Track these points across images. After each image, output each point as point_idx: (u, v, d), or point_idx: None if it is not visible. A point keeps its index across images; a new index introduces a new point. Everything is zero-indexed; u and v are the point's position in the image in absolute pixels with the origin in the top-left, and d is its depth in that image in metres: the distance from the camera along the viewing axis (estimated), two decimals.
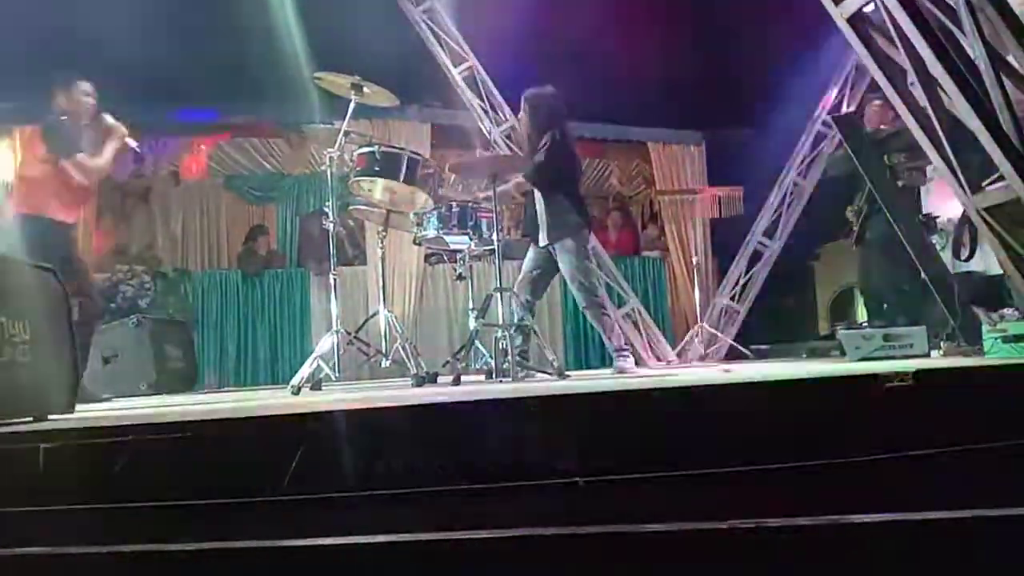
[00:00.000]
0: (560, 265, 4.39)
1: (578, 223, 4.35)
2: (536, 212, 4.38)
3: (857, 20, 2.79)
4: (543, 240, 4.36)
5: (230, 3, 6.03)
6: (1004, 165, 2.34)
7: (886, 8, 2.55)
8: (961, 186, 2.57)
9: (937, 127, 2.56)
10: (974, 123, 2.38)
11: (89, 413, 2.76)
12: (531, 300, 4.49)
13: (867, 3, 2.72)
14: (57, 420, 2.40)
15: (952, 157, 2.54)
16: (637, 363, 4.64)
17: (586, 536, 1.73)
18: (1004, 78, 2.45)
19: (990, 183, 2.47)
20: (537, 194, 4.38)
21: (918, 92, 2.65)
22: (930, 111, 2.59)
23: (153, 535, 1.75)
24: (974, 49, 2.44)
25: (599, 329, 4.43)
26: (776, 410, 2.10)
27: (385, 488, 1.84)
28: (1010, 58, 2.60)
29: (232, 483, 1.86)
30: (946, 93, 2.50)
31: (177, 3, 6.00)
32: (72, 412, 2.59)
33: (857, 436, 2.02)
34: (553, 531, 1.73)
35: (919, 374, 2.09)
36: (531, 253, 4.53)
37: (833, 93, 7.73)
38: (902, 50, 2.60)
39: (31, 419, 2.36)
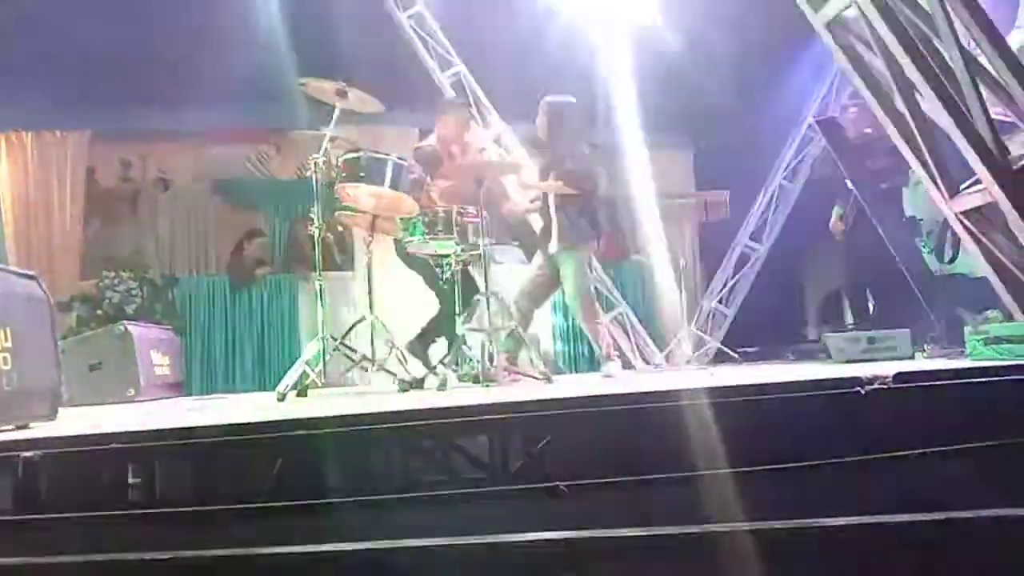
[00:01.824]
0: (562, 272, 4.47)
1: (590, 233, 4.46)
2: (549, 219, 4.46)
3: (836, 26, 2.83)
4: (553, 247, 4.43)
5: (216, 8, 6.02)
6: (980, 169, 2.37)
7: (864, 14, 2.58)
8: (939, 190, 2.60)
9: (915, 131, 2.59)
10: (950, 127, 2.41)
11: (71, 421, 2.75)
12: (530, 309, 4.55)
13: (846, 9, 2.75)
14: (39, 428, 2.40)
15: (930, 161, 2.57)
16: (624, 367, 4.66)
17: (568, 540, 1.74)
18: (979, 82, 2.49)
19: (967, 187, 2.50)
20: (551, 201, 4.45)
21: (896, 97, 2.68)
22: (908, 116, 2.62)
23: (135, 544, 1.75)
24: (950, 54, 2.47)
25: (591, 336, 4.51)
26: (759, 413, 2.11)
27: (369, 494, 1.84)
28: (984, 61, 2.63)
29: (217, 490, 1.86)
30: (923, 98, 2.53)
31: (163, 7, 5.99)
32: (54, 420, 2.58)
33: (837, 438, 2.04)
34: (536, 536, 1.74)
35: (898, 376, 2.11)
36: (537, 260, 4.59)
37: (818, 97, 7.78)
38: (880, 55, 2.63)
39: (12, 427, 2.35)
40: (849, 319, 6.06)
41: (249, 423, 2.04)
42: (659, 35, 7.08)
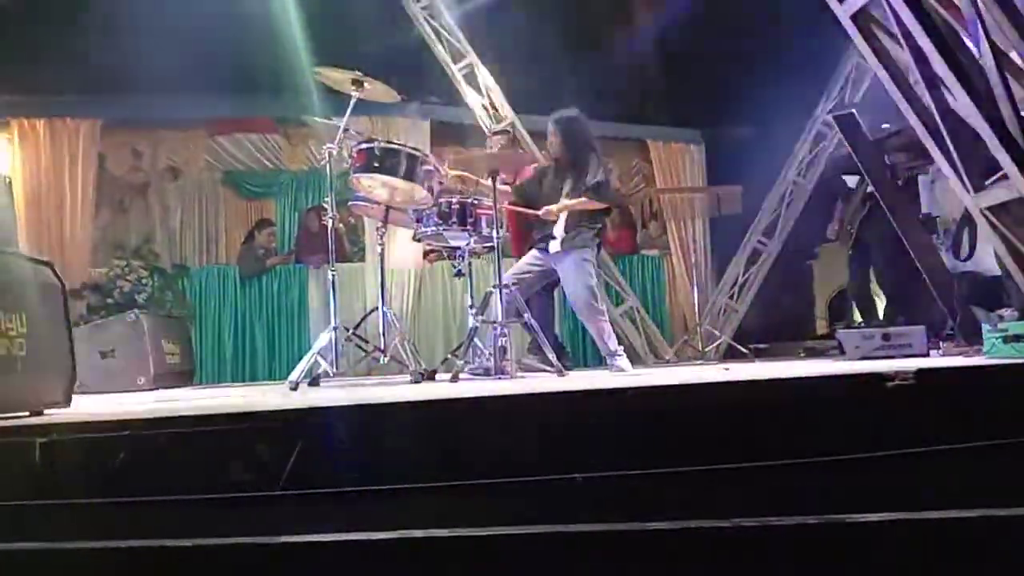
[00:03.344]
0: (563, 272, 4.54)
1: (593, 236, 4.55)
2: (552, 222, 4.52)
3: (861, 17, 2.79)
4: (555, 247, 4.48)
5: None
6: (1007, 163, 2.33)
7: (890, 5, 2.54)
8: (964, 185, 2.56)
9: (940, 125, 2.56)
10: (978, 121, 2.38)
11: (85, 408, 2.75)
12: (525, 293, 4.60)
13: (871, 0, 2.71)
14: (54, 414, 2.39)
15: (956, 155, 2.53)
16: (634, 362, 4.66)
17: (586, 533, 1.72)
18: (1008, 76, 2.45)
19: (993, 182, 2.47)
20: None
21: (921, 90, 2.64)
22: (933, 109, 2.59)
23: (150, 531, 1.74)
24: (978, 46, 2.43)
25: (594, 334, 4.56)
26: (777, 408, 2.09)
27: (383, 485, 1.83)
28: (1014, 55, 2.59)
29: (230, 479, 1.85)
30: (949, 91, 2.49)
31: None
32: (68, 406, 2.57)
33: (858, 435, 2.02)
34: (552, 528, 1.72)
35: (920, 373, 2.08)
36: (531, 257, 4.60)
37: (834, 92, 7.73)
38: (906, 47, 2.59)
39: (27, 414, 2.34)
40: (857, 317, 6.02)
41: (261, 412, 2.02)
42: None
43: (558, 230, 4.50)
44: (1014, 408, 2.08)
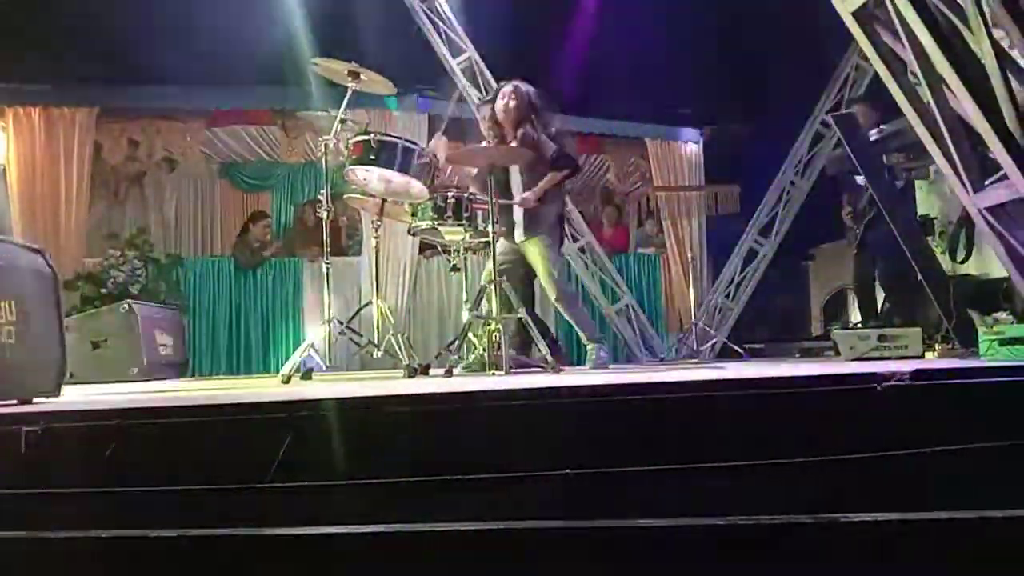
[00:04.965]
0: (531, 259, 4.50)
1: (554, 218, 4.51)
2: (512, 207, 4.47)
3: (862, 14, 2.77)
4: (519, 236, 4.45)
5: None
6: (1008, 163, 2.32)
7: (892, 3, 2.53)
8: (964, 185, 2.55)
9: (941, 124, 2.54)
10: (978, 121, 2.36)
11: (75, 397, 2.73)
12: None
13: None
14: (42, 403, 2.37)
15: (955, 155, 2.52)
16: (629, 360, 4.65)
17: (577, 529, 1.71)
18: (1010, 76, 2.44)
19: (993, 182, 2.46)
20: (517, 187, 4.46)
21: (922, 89, 2.62)
22: (934, 108, 2.57)
23: (138, 522, 1.72)
24: (980, 46, 2.42)
25: (572, 321, 4.59)
26: (773, 407, 2.08)
27: (373, 478, 1.82)
28: (1016, 54, 2.58)
29: (219, 470, 1.83)
30: (951, 90, 2.48)
31: None
32: (58, 395, 2.55)
33: (853, 434, 2.01)
34: (543, 524, 1.71)
35: (917, 374, 2.07)
36: (501, 247, 4.57)
37: (832, 92, 7.72)
38: (907, 46, 2.58)
39: (16, 402, 2.32)
40: (856, 317, 6.02)
41: (252, 403, 2.01)
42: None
43: (517, 217, 4.45)
44: (1010, 409, 2.07)
